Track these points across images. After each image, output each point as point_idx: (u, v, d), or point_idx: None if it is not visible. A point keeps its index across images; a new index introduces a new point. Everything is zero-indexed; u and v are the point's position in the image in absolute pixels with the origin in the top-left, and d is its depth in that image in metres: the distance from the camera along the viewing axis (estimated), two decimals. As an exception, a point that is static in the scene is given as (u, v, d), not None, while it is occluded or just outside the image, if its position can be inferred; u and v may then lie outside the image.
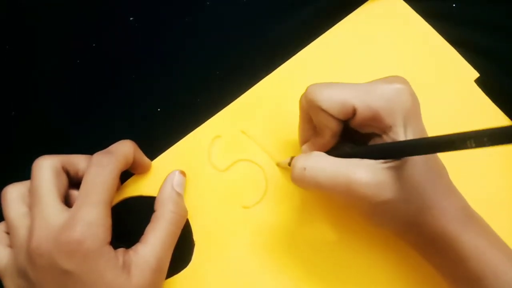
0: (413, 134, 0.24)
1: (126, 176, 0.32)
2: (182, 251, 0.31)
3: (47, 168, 0.27)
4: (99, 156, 0.27)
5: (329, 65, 0.35)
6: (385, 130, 0.25)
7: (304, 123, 0.29)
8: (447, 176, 0.27)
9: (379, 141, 0.26)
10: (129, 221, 0.31)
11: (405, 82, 0.25)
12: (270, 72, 0.34)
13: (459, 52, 0.35)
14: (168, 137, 0.33)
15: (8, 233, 0.28)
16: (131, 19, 0.36)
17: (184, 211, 0.30)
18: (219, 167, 0.33)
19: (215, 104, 0.34)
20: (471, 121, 0.34)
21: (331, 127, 0.26)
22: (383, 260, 0.31)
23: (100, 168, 0.27)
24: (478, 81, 0.34)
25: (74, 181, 0.29)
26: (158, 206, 0.29)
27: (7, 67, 0.36)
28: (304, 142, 0.29)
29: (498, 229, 0.27)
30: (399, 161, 0.24)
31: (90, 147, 0.29)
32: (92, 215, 0.25)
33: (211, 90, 0.35)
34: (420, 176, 0.25)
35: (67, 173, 0.28)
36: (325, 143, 0.27)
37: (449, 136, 0.21)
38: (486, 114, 0.34)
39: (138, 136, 0.31)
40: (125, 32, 0.36)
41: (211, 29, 0.36)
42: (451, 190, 0.27)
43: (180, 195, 0.30)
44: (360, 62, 0.35)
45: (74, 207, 0.26)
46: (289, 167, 0.30)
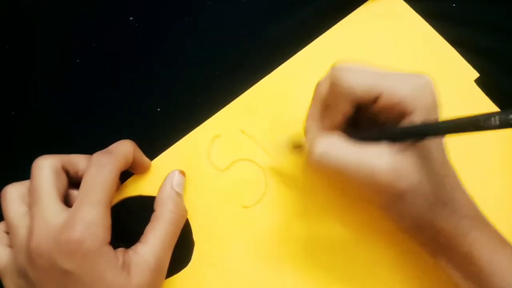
0: None
1: (126, 175, 0.32)
2: (182, 251, 0.31)
3: (47, 168, 0.27)
4: (98, 155, 0.27)
5: (329, 65, 0.34)
6: (402, 118, 0.24)
7: (317, 104, 0.27)
8: (457, 177, 0.27)
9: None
10: (128, 221, 0.31)
11: (428, 78, 0.25)
12: (270, 72, 0.34)
13: (459, 52, 0.35)
14: (168, 136, 0.33)
15: (8, 232, 0.28)
16: (131, 18, 0.36)
17: (184, 211, 0.30)
18: (218, 166, 0.33)
19: (215, 104, 0.34)
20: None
21: (347, 110, 0.25)
22: (385, 257, 0.31)
23: (100, 168, 0.27)
24: (478, 81, 0.34)
25: (74, 181, 0.29)
26: (157, 206, 0.29)
27: (7, 67, 0.36)
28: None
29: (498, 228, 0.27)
30: (418, 151, 0.24)
31: (90, 147, 0.29)
32: (91, 215, 0.25)
33: (211, 89, 0.35)
34: (440, 171, 0.25)
35: (67, 173, 0.28)
36: (333, 124, 0.26)
37: (473, 117, 0.20)
38: (486, 114, 0.34)
39: (138, 136, 0.31)
40: (125, 32, 0.36)
41: (211, 29, 0.36)
42: (462, 188, 0.27)
43: (179, 195, 0.30)
44: (360, 62, 0.35)
45: (73, 207, 0.26)
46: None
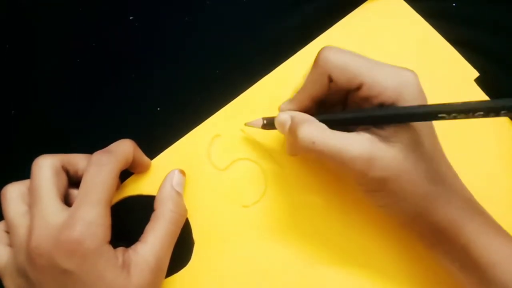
0: None
1: (125, 175, 0.32)
2: (181, 250, 0.31)
3: (47, 167, 0.27)
4: (98, 155, 0.27)
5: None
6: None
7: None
8: (452, 168, 0.27)
9: None
10: (128, 220, 0.31)
11: (414, 73, 0.26)
12: (270, 71, 0.34)
13: (459, 51, 0.35)
14: (168, 136, 0.33)
15: (8, 232, 0.28)
16: (131, 18, 0.36)
17: (184, 210, 0.30)
18: (218, 166, 0.33)
19: (214, 103, 0.34)
20: (471, 120, 0.33)
21: (321, 91, 0.27)
22: (387, 253, 0.31)
23: (100, 167, 0.27)
24: (478, 81, 0.34)
25: (74, 180, 0.29)
26: (157, 205, 0.29)
27: (7, 67, 0.36)
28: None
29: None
30: (405, 141, 0.25)
31: (90, 146, 0.29)
32: (91, 215, 0.25)
33: (210, 89, 0.35)
34: (431, 161, 0.25)
35: (67, 172, 0.28)
36: (304, 99, 0.28)
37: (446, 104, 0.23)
38: (486, 114, 0.34)
39: (138, 135, 0.31)
40: (125, 31, 0.36)
41: (211, 28, 0.36)
42: (457, 180, 0.27)
43: (179, 194, 0.30)
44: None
45: (73, 206, 0.26)
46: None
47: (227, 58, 0.35)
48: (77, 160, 0.29)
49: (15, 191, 0.27)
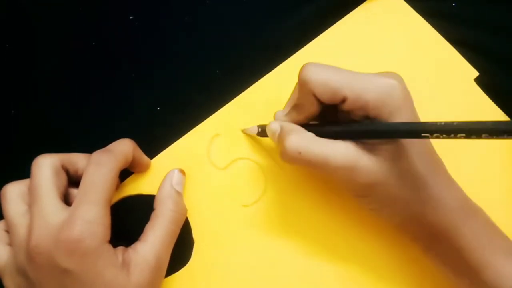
0: None
1: (125, 174, 0.32)
2: (181, 250, 0.31)
3: (46, 167, 0.27)
4: (98, 154, 0.27)
5: (328, 63, 0.34)
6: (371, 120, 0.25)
7: (292, 97, 0.29)
8: (445, 169, 0.27)
9: None
10: (128, 219, 0.31)
11: (398, 78, 0.26)
12: (270, 71, 0.34)
13: (458, 51, 0.35)
14: (168, 135, 0.33)
15: (7, 231, 0.28)
16: (131, 18, 0.36)
17: (184, 210, 0.30)
18: (218, 165, 0.33)
19: (214, 103, 0.34)
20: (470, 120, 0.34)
21: (313, 110, 0.27)
22: (386, 254, 0.31)
23: (99, 167, 0.27)
24: (478, 80, 0.34)
25: (73, 180, 0.29)
26: (157, 204, 0.29)
27: (7, 66, 0.36)
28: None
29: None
30: (391, 150, 0.25)
31: (90, 145, 0.29)
32: (91, 214, 0.25)
33: (210, 88, 0.35)
34: (418, 166, 0.25)
35: (66, 171, 0.28)
36: (300, 120, 0.28)
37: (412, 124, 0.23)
38: (485, 113, 0.34)
39: (138, 135, 0.31)
40: (125, 31, 0.36)
41: (211, 28, 0.36)
42: (450, 182, 0.27)
43: (179, 194, 0.30)
44: (359, 61, 0.35)
45: (73, 205, 0.26)
46: (256, 136, 0.32)
47: (227, 57, 0.35)
48: (77, 160, 0.29)
49: (15, 190, 0.27)
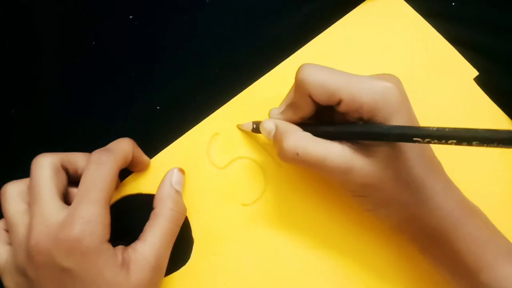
0: None
1: (125, 174, 0.32)
2: (181, 249, 0.31)
3: (46, 166, 0.27)
4: (98, 154, 0.27)
5: (327, 63, 0.34)
6: (367, 122, 0.25)
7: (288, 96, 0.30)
8: (443, 171, 0.27)
9: None
10: (128, 218, 0.32)
11: (394, 81, 0.26)
12: (269, 70, 0.34)
13: (458, 50, 0.35)
14: (167, 135, 0.33)
15: (7, 230, 0.28)
16: (130, 17, 0.36)
17: (183, 209, 0.30)
18: (218, 164, 0.33)
19: (214, 102, 0.34)
20: (470, 119, 0.34)
21: (309, 110, 0.27)
22: (384, 252, 0.31)
23: (99, 166, 0.27)
24: (477, 80, 0.34)
25: (73, 179, 0.29)
26: (157, 203, 0.29)
27: (7, 66, 0.36)
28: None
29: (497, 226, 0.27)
30: (386, 152, 0.25)
31: (90, 145, 0.29)
32: (90, 213, 0.25)
33: (210, 88, 0.35)
34: (414, 169, 0.25)
35: (66, 171, 0.28)
36: (294, 119, 0.28)
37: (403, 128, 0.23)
38: (485, 112, 0.34)
39: (137, 134, 0.31)
40: (125, 30, 0.36)
41: (210, 27, 0.36)
42: (448, 184, 0.27)
43: (179, 193, 0.30)
44: (359, 60, 0.35)
45: (73, 204, 0.26)
46: (251, 132, 0.32)
47: (227, 57, 0.35)
48: (77, 159, 0.29)
49: (14, 189, 0.27)
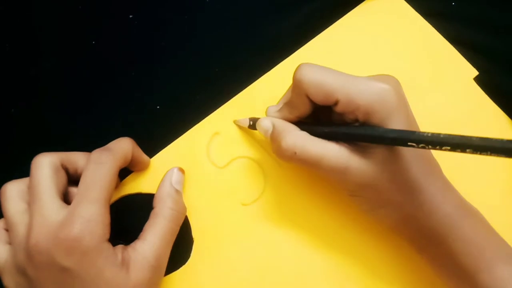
0: None
1: (125, 173, 0.32)
2: (181, 248, 0.31)
3: (46, 166, 0.27)
4: (97, 153, 0.27)
5: (327, 63, 0.34)
6: (363, 123, 0.25)
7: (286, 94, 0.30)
8: (441, 172, 0.27)
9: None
10: (128, 218, 0.32)
11: (392, 83, 0.25)
12: (269, 70, 0.34)
13: (458, 50, 0.35)
14: (167, 134, 0.33)
15: (7, 230, 0.28)
16: (130, 16, 0.36)
17: (183, 208, 0.30)
18: (218, 164, 0.33)
19: (214, 101, 0.34)
20: (470, 119, 0.34)
21: (306, 109, 0.27)
22: (384, 253, 0.32)
23: (99, 165, 0.27)
24: (477, 79, 0.34)
25: (73, 179, 0.29)
26: (156, 203, 0.29)
27: (7, 65, 0.36)
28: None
29: (496, 228, 0.27)
30: (384, 154, 0.25)
31: (89, 144, 0.29)
32: (90, 212, 0.25)
33: (209, 87, 0.35)
34: (411, 170, 0.25)
35: (66, 170, 0.28)
36: (291, 118, 0.28)
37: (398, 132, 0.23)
38: (485, 112, 0.34)
39: (137, 134, 0.31)
40: (125, 30, 0.36)
41: (210, 27, 0.36)
42: (445, 185, 0.27)
43: (178, 192, 0.30)
44: (359, 60, 0.35)
45: (72, 204, 0.26)
46: (248, 128, 0.32)
47: (227, 56, 0.35)
48: (77, 158, 0.29)
49: (14, 189, 0.27)
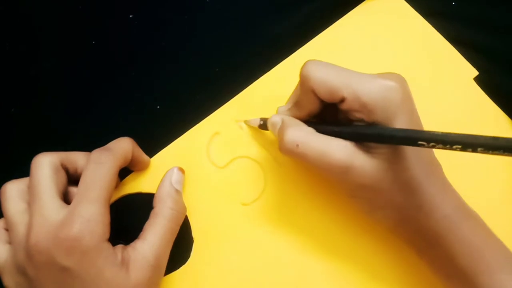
0: None
1: (125, 173, 0.32)
2: (180, 248, 0.31)
3: (46, 165, 0.27)
4: (97, 153, 0.27)
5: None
6: (369, 122, 0.25)
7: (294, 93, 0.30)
8: (441, 173, 0.27)
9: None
10: (127, 218, 0.32)
11: (398, 80, 0.25)
12: (269, 70, 0.34)
13: (458, 50, 0.35)
14: (167, 134, 0.33)
15: (7, 229, 0.28)
16: (130, 16, 0.36)
17: (183, 208, 0.30)
18: (218, 164, 0.33)
19: (214, 101, 0.34)
20: (470, 119, 0.34)
21: (314, 107, 0.27)
22: (384, 254, 0.31)
23: (99, 165, 0.27)
24: (477, 79, 0.34)
25: (73, 178, 0.29)
26: (156, 203, 0.29)
27: (7, 65, 0.36)
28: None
29: (495, 229, 0.27)
30: (387, 154, 0.25)
31: (89, 144, 0.29)
32: (90, 212, 0.25)
33: (210, 87, 0.35)
34: (413, 171, 0.25)
35: (66, 170, 0.28)
36: (301, 116, 0.28)
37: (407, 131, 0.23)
38: (485, 112, 0.34)
39: (137, 133, 0.31)
40: (125, 29, 0.36)
41: (210, 26, 0.36)
42: (445, 187, 0.27)
43: (178, 192, 0.30)
44: (359, 60, 0.35)
45: (72, 204, 0.26)
46: (253, 130, 0.32)
47: (227, 56, 0.35)
48: (76, 158, 0.29)
49: (14, 188, 0.27)
